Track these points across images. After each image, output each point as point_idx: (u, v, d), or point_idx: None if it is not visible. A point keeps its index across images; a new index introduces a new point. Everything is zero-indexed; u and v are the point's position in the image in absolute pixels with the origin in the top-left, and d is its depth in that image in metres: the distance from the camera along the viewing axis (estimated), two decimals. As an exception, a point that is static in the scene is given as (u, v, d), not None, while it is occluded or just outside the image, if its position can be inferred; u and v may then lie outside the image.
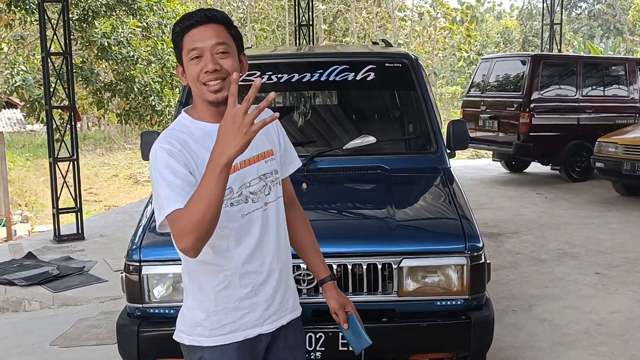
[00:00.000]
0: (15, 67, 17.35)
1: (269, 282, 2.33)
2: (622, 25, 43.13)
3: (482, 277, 3.45)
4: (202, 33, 2.20)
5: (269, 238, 2.31)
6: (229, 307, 2.27)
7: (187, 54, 2.21)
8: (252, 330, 2.31)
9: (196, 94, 2.25)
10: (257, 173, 2.29)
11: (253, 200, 2.27)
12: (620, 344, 4.97)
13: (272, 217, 2.33)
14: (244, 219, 2.25)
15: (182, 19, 2.26)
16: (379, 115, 5.08)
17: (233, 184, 2.19)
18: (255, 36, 33.97)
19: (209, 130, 2.19)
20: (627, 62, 13.14)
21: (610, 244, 7.89)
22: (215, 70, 2.17)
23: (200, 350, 2.30)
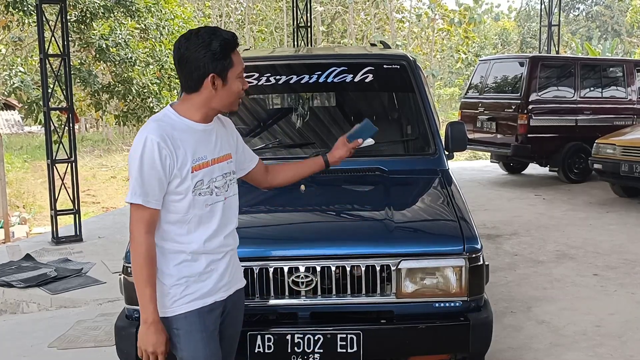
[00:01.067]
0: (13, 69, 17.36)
1: (223, 260, 2.74)
2: (620, 27, 43.16)
3: (481, 278, 3.45)
4: (239, 56, 2.64)
5: (225, 226, 2.73)
6: (190, 280, 2.64)
7: (237, 74, 2.61)
8: (209, 298, 2.70)
9: (218, 102, 2.63)
10: (221, 171, 2.71)
11: (217, 193, 2.68)
12: (618, 345, 4.97)
13: (228, 210, 2.75)
14: (208, 208, 2.65)
15: (229, 35, 2.59)
16: (377, 117, 5.08)
17: (204, 177, 2.62)
18: (253, 38, 33.98)
19: (193, 127, 2.62)
20: (625, 64, 13.15)
21: (608, 246, 7.89)
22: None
23: (169, 320, 2.65)
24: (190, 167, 2.56)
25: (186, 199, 2.59)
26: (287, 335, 3.32)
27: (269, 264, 3.35)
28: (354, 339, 3.30)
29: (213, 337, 2.72)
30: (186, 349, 2.67)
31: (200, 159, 2.60)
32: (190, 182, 2.58)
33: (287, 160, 4.37)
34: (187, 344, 2.66)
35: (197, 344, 2.66)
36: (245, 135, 4.87)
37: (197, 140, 2.61)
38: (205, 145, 2.64)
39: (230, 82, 2.60)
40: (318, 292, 3.38)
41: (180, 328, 2.65)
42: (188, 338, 2.66)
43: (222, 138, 2.75)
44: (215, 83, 2.57)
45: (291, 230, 3.82)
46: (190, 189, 2.58)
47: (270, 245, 3.54)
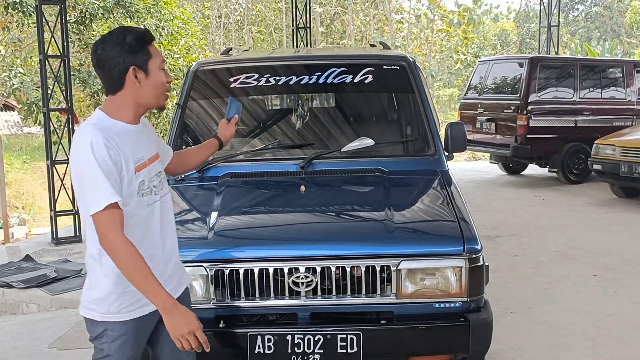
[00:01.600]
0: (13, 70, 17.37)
1: (169, 263, 2.76)
2: (619, 28, 43.16)
3: (481, 279, 3.45)
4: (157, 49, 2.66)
5: (165, 225, 2.74)
6: (134, 289, 2.56)
7: (158, 64, 2.61)
8: (149, 307, 2.65)
9: (145, 97, 2.61)
10: (155, 170, 2.74)
11: (155, 192, 2.69)
12: (619, 345, 4.98)
13: (165, 208, 2.76)
14: (149, 208, 2.65)
15: (142, 30, 2.64)
16: (377, 118, 5.08)
17: (145, 177, 2.62)
18: (252, 38, 33.97)
19: (127, 129, 2.60)
20: (624, 65, 13.16)
21: (608, 246, 7.89)
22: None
23: (104, 324, 2.65)
24: (134, 169, 2.57)
25: (133, 201, 2.58)
26: (287, 335, 3.32)
27: (269, 265, 3.36)
28: (354, 340, 3.30)
29: (143, 340, 2.77)
30: (113, 349, 2.67)
31: (140, 159, 2.61)
32: (135, 183, 2.58)
33: (288, 160, 4.38)
34: (116, 345, 2.66)
35: (125, 347, 2.68)
36: (245, 135, 4.90)
37: (134, 142, 2.60)
38: (140, 146, 2.64)
39: (153, 74, 2.59)
40: (318, 293, 3.38)
41: (113, 331, 2.65)
42: (119, 340, 2.66)
43: (149, 138, 2.77)
44: (138, 76, 2.57)
45: (291, 230, 3.82)
46: (136, 190, 2.59)
47: (270, 245, 3.54)
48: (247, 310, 3.43)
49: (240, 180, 4.23)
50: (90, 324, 2.71)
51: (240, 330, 3.36)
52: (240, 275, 3.35)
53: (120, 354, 2.67)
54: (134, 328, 2.68)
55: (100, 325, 2.67)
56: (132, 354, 2.72)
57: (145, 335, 2.77)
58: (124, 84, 2.58)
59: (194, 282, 3.38)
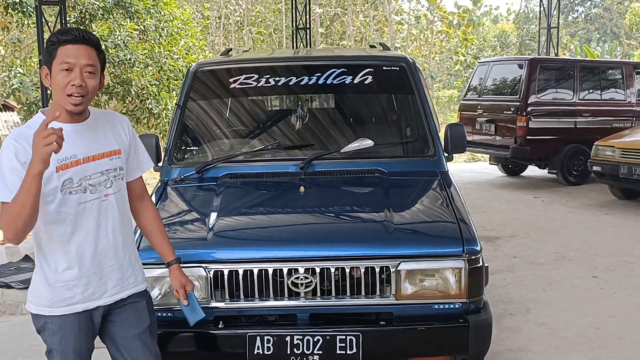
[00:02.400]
0: (13, 70, 17.36)
1: (105, 262, 2.73)
2: (618, 29, 43.18)
3: (480, 280, 3.46)
4: (77, 50, 2.58)
5: (106, 224, 2.72)
6: (70, 284, 2.66)
7: (59, 64, 2.57)
8: (91, 303, 2.72)
9: (56, 98, 2.61)
10: (99, 168, 2.70)
11: (91, 191, 2.67)
12: (618, 347, 4.97)
13: (111, 206, 2.74)
14: (81, 206, 2.65)
15: (61, 32, 2.63)
16: (376, 119, 5.08)
17: (74, 175, 2.62)
18: (252, 39, 33.99)
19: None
20: (623, 66, 13.15)
21: (607, 248, 7.89)
22: (81, 86, 2.57)
23: (44, 318, 2.70)
24: (55, 167, 2.56)
25: (56, 199, 2.60)
26: (287, 336, 3.32)
27: (269, 266, 3.36)
28: (353, 341, 3.30)
29: (86, 333, 2.76)
30: (56, 342, 2.73)
31: (67, 158, 2.60)
32: (57, 181, 2.59)
33: (287, 161, 4.38)
34: (58, 337, 2.72)
35: (67, 340, 2.71)
36: (244, 136, 4.90)
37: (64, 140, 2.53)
38: (74, 145, 2.61)
39: (55, 77, 2.59)
40: (317, 294, 3.38)
41: (54, 324, 2.70)
42: (60, 333, 2.71)
43: (105, 135, 2.76)
44: (45, 75, 2.63)
45: (290, 231, 3.82)
46: (58, 188, 2.60)
47: (270, 246, 3.54)
48: (246, 311, 3.44)
49: (240, 181, 4.23)
50: (32, 317, 2.76)
51: (239, 331, 3.36)
52: (240, 276, 3.35)
53: (63, 347, 2.72)
54: (72, 322, 2.71)
55: (40, 319, 2.72)
56: (76, 348, 2.74)
57: (89, 330, 2.77)
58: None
59: (194, 283, 3.38)
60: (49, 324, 2.70)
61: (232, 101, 4.99)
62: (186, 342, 3.36)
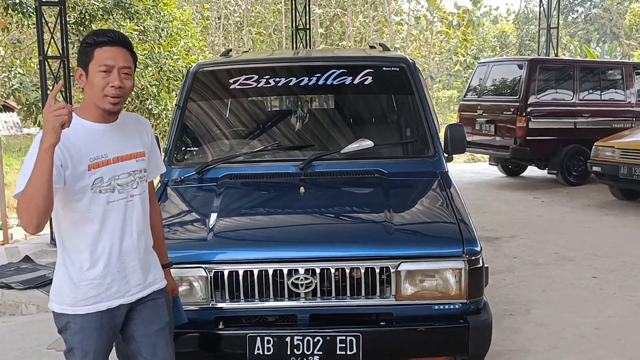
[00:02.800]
0: (13, 71, 17.37)
1: (129, 261, 2.77)
2: (618, 30, 43.18)
3: (480, 281, 3.46)
4: (114, 52, 2.65)
5: (131, 224, 2.77)
6: (94, 282, 2.69)
7: (97, 66, 2.63)
8: (114, 301, 2.75)
9: (92, 98, 2.66)
10: (127, 169, 2.75)
11: (119, 191, 2.72)
12: (618, 347, 4.97)
13: (136, 207, 2.79)
14: (109, 205, 2.69)
15: (97, 34, 2.69)
16: (376, 119, 5.08)
17: (104, 174, 2.67)
18: (251, 40, 33.99)
19: (89, 127, 2.68)
20: (623, 66, 13.15)
21: (607, 248, 7.89)
22: (120, 87, 2.65)
23: (66, 317, 2.72)
24: (87, 166, 2.63)
25: (85, 197, 2.65)
26: (287, 337, 3.32)
27: (269, 266, 3.36)
28: (354, 341, 3.30)
29: (107, 333, 2.78)
30: (78, 341, 2.73)
31: (98, 157, 2.66)
32: (88, 179, 2.64)
33: (287, 162, 4.39)
34: (80, 337, 2.73)
35: (89, 339, 2.73)
36: (244, 137, 4.90)
37: (95, 140, 2.67)
38: (105, 144, 2.69)
39: (91, 76, 2.65)
40: (317, 294, 3.38)
41: (76, 323, 2.72)
42: (83, 333, 2.72)
43: (132, 137, 2.83)
44: (81, 77, 2.68)
45: (290, 232, 3.82)
46: (89, 186, 2.64)
47: (270, 247, 3.54)
48: (246, 311, 3.44)
49: (240, 181, 4.23)
50: (54, 316, 2.78)
51: (239, 331, 3.36)
52: (240, 276, 3.35)
53: (84, 347, 2.73)
54: (95, 322, 2.73)
55: (62, 318, 2.74)
56: (98, 348, 2.76)
57: (110, 330, 2.80)
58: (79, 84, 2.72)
59: (194, 283, 3.39)
60: (71, 323, 2.72)
61: (232, 102, 4.99)
62: (186, 343, 3.35)
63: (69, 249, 2.70)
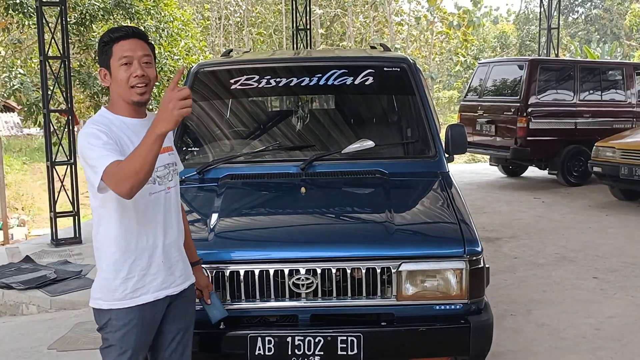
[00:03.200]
0: (13, 71, 17.36)
1: (172, 252, 2.84)
2: (619, 30, 43.19)
3: (481, 281, 3.45)
4: (131, 44, 2.71)
5: (170, 216, 2.84)
6: (141, 274, 2.74)
7: (117, 60, 2.69)
8: (160, 292, 2.79)
9: (119, 94, 2.72)
10: (163, 162, 2.81)
11: (159, 183, 2.78)
12: (618, 348, 4.97)
13: (172, 199, 2.86)
14: (151, 197, 2.75)
15: (111, 31, 2.75)
16: (377, 120, 5.08)
17: None
18: (252, 40, 34.00)
19: (127, 122, 2.73)
20: (624, 67, 13.16)
21: (608, 249, 7.89)
22: (143, 75, 2.69)
23: (109, 313, 2.74)
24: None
25: None
26: (288, 337, 3.32)
27: (270, 266, 3.36)
28: (355, 342, 3.30)
29: (148, 330, 2.81)
30: (118, 338, 2.75)
31: None
32: None
33: (288, 162, 4.38)
34: (120, 333, 2.75)
35: (130, 336, 2.75)
36: (245, 137, 4.90)
37: (134, 133, 2.71)
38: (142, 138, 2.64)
39: (114, 72, 2.71)
40: (318, 295, 3.38)
41: (118, 319, 2.74)
42: (124, 329, 2.75)
43: None
44: (105, 76, 2.75)
45: (291, 232, 3.82)
46: None
47: (271, 247, 3.54)
48: (247, 311, 3.43)
49: (241, 181, 4.23)
50: (97, 313, 2.79)
51: (240, 332, 3.36)
52: (241, 276, 3.35)
53: (123, 344, 2.75)
54: (138, 317, 2.75)
55: (105, 314, 2.75)
56: (137, 345, 2.78)
57: (150, 326, 2.82)
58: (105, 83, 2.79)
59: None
60: (113, 320, 2.74)
61: (233, 102, 4.99)
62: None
63: (113, 243, 2.72)
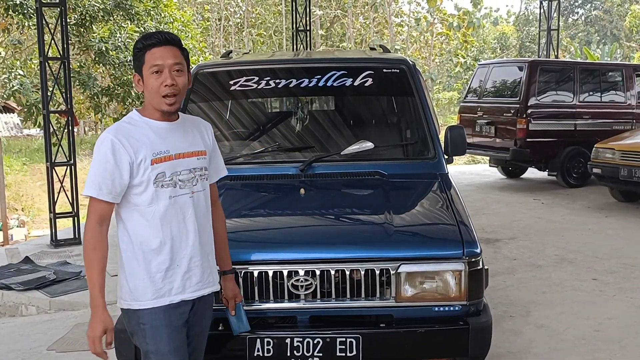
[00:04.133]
0: (13, 72, 17.38)
1: (193, 256, 2.84)
2: (618, 32, 43.20)
3: (480, 282, 3.45)
4: (163, 52, 2.73)
5: (192, 220, 2.83)
6: (158, 276, 2.77)
7: (149, 68, 2.73)
8: (176, 296, 2.81)
9: (150, 101, 2.77)
10: (188, 166, 2.83)
11: (181, 187, 2.80)
12: (618, 350, 4.97)
13: (197, 204, 2.87)
14: (172, 200, 2.77)
15: (145, 37, 2.78)
16: (376, 121, 5.08)
17: (166, 169, 2.76)
18: (252, 41, 34.02)
19: (153, 125, 2.78)
20: (624, 68, 13.15)
21: (607, 250, 7.89)
22: (173, 85, 2.73)
23: (137, 316, 2.79)
24: (150, 160, 2.72)
25: (148, 191, 2.74)
26: (287, 338, 3.32)
27: (268, 268, 3.35)
28: (353, 343, 3.30)
29: (178, 332, 2.83)
30: (151, 343, 2.78)
31: (161, 152, 2.75)
32: (151, 173, 2.72)
33: (287, 163, 4.38)
34: (152, 338, 2.78)
35: (161, 338, 2.78)
36: (245, 138, 4.89)
37: (158, 136, 2.77)
38: (167, 141, 2.79)
39: (145, 80, 2.76)
40: (317, 296, 3.37)
41: (146, 322, 2.78)
42: (153, 332, 2.78)
43: (193, 136, 2.92)
44: (138, 82, 2.79)
45: (291, 233, 3.81)
46: (151, 180, 2.73)
47: (270, 248, 3.54)
48: (246, 313, 3.43)
49: (240, 183, 4.23)
50: (126, 316, 2.85)
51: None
52: (240, 278, 3.35)
53: (159, 347, 2.78)
54: (164, 319, 2.79)
55: (133, 318, 2.80)
56: (171, 347, 2.80)
57: (180, 328, 2.84)
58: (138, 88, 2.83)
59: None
60: (141, 323, 2.78)
61: (232, 103, 4.99)
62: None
63: (136, 245, 2.78)
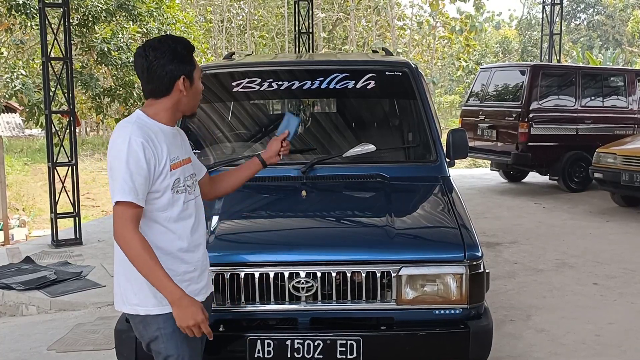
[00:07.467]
0: (15, 72, 17.38)
1: (203, 259, 2.91)
2: (621, 37, 43.19)
3: (481, 286, 3.45)
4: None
5: (199, 223, 2.89)
6: (177, 279, 2.70)
7: (200, 72, 2.82)
8: (200, 296, 2.84)
9: (187, 104, 2.81)
10: (189, 172, 2.88)
11: (188, 192, 2.83)
12: (618, 354, 4.97)
13: (199, 208, 2.92)
14: (185, 205, 2.79)
15: (188, 42, 2.81)
16: (378, 124, 5.09)
17: (180, 175, 2.78)
18: (254, 43, 34.02)
19: (164, 129, 2.76)
20: (626, 73, 13.17)
21: (608, 255, 7.89)
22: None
23: (157, 321, 2.74)
24: (169, 166, 2.72)
25: (165, 196, 2.72)
26: (287, 340, 3.32)
27: (270, 269, 3.36)
28: (354, 345, 3.30)
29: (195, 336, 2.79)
30: (172, 347, 2.77)
31: (176, 158, 2.77)
32: (170, 179, 2.72)
33: (289, 165, 4.38)
34: (173, 342, 2.76)
35: (181, 343, 2.76)
36: (246, 140, 4.90)
37: (170, 141, 2.77)
38: (176, 146, 2.81)
39: (196, 83, 2.81)
40: (318, 298, 3.38)
41: (164, 327, 2.75)
42: (172, 337, 2.75)
43: (182, 142, 2.93)
44: (185, 84, 2.76)
45: (292, 235, 3.82)
46: (170, 186, 2.73)
47: (271, 250, 3.54)
48: (247, 314, 3.43)
49: (241, 184, 4.23)
50: (144, 324, 2.79)
51: (240, 334, 3.36)
52: (241, 279, 3.35)
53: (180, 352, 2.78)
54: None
55: (152, 324, 2.76)
56: (192, 352, 2.82)
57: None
58: (172, 91, 2.75)
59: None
60: (162, 329, 2.75)
61: (234, 105, 5.00)
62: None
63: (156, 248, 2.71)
